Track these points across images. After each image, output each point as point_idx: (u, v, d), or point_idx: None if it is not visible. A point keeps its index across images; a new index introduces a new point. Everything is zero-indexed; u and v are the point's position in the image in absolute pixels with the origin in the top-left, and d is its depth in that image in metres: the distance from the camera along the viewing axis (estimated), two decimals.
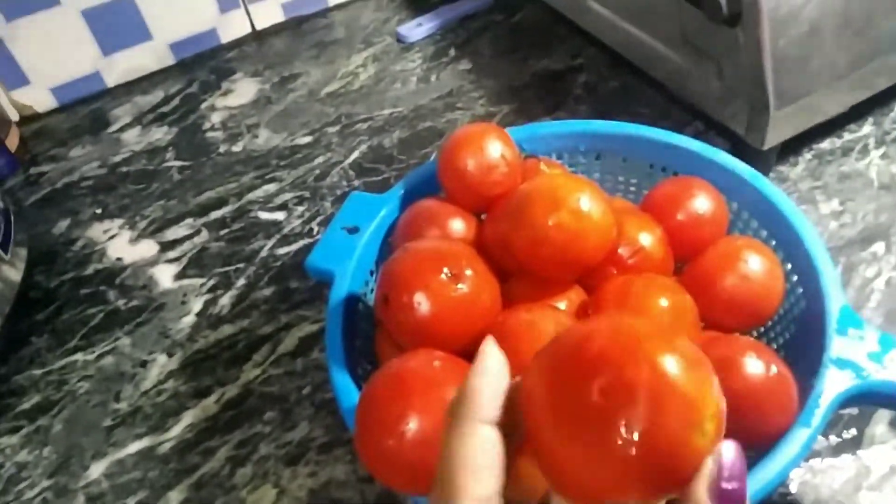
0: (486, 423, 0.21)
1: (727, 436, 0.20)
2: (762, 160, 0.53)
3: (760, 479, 0.31)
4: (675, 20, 0.52)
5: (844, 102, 0.53)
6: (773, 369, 0.32)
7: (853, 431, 0.41)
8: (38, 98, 0.73)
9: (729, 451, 0.20)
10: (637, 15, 0.58)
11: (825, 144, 0.57)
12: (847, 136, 0.57)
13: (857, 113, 0.56)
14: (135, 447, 0.45)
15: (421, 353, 0.33)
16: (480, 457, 0.21)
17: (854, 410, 0.42)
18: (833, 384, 0.33)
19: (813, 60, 0.48)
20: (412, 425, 0.30)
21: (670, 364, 0.19)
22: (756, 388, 0.32)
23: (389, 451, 0.30)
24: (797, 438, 0.32)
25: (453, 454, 0.21)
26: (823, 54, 0.48)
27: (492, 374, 0.22)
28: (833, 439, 0.41)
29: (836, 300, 0.36)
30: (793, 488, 0.39)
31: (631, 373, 0.19)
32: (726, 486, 0.19)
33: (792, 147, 0.55)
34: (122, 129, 0.71)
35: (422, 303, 0.35)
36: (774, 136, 0.50)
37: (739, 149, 0.52)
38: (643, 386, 0.18)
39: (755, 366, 0.33)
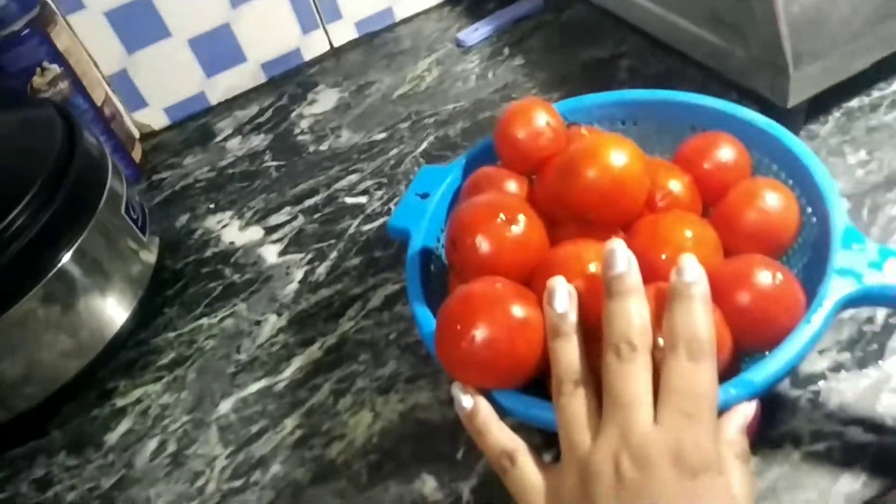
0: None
1: (741, 338, 0.25)
2: (791, 119, 0.58)
3: (768, 370, 0.36)
4: (706, 2, 0.58)
5: (866, 60, 0.57)
6: (779, 277, 0.38)
7: (874, 346, 0.46)
8: (155, 118, 0.86)
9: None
10: (674, 1, 0.64)
11: (854, 102, 0.61)
12: (876, 93, 0.61)
13: (885, 71, 0.60)
14: (255, 387, 0.55)
15: (485, 278, 0.40)
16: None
17: (876, 327, 0.46)
18: (836, 290, 0.38)
19: (828, 22, 0.53)
20: (480, 332, 0.37)
21: None
22: (764, 295, 0.38)
23: (463, 354, 0.37)
24: (801, 334, 0.37)
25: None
26: (838, 16, 0.53)
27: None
28: (857, 354, 0.46)
29: (839, 221, 0.41)
30: (820, 395, 0.44)
31: None
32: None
33: (822, 107, 0.60)
34: (226, 139, 0.82)
35: (482, 243, 0.42)
36: (797, 94, 0.55)
37: (769, 111, 0.58)
38: None
39: (764, 275, 0.38)
